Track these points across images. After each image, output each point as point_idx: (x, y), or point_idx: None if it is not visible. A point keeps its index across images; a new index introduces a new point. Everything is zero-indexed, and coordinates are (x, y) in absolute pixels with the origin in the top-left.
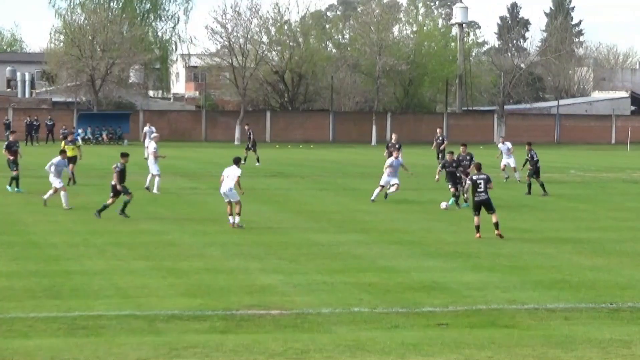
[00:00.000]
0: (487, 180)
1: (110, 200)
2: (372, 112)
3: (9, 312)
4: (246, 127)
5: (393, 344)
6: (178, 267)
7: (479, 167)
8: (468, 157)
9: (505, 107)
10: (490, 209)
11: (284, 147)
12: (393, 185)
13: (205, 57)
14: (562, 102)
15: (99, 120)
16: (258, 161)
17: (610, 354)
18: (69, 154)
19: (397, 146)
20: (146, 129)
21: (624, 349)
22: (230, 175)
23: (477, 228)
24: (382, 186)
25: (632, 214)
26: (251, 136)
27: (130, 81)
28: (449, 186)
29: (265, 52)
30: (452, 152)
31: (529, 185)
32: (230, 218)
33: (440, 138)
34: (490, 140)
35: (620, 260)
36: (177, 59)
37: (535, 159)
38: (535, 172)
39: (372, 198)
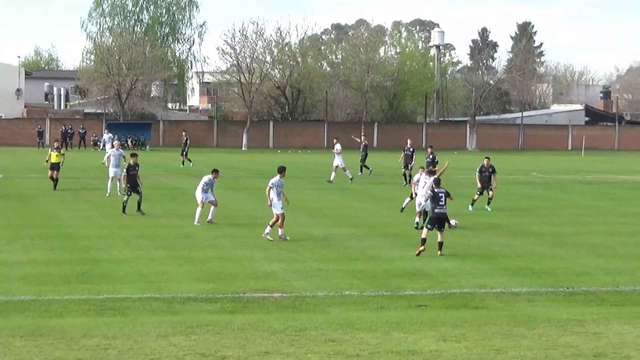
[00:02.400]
0: (447, 195)
1: (125, 197)
2: (361, 122)
3: (46, 294)
4: (183, 133)
5: (379, 323)
6: (193, 256)
7: (438, 183)
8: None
9: (476, 118)
10: (442, 226)
11: (284, 152)
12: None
13: (216, 74)
14: (525, 113)
15: (124, 129)
16: (189, 161)
17: (567, 332)
18: (54, 160)
19: (411, 150)
20: (105, 136)
21: (579, 327)
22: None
23: (423, 241)
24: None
25: (587, 211)
26: (187, 142)
27: (151, 95)
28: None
29: (269, 70)
30: (488, 157)
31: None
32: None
33: (411, 150)
34: (464, 147)
35: (577, 251)
36: (192, 76)
37: (435, 160)
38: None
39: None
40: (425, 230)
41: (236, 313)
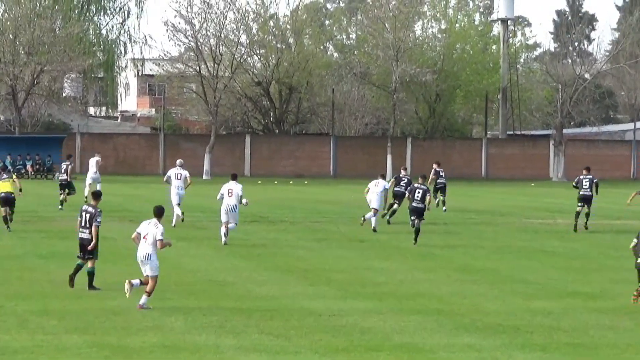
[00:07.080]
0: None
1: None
2: (387, 137)
3: None
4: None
5: None
6: (126, 344)
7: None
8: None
9: (565, 131)
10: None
11: (268, 183)
12: None
13: (164, 63)
14: None
15: (22, 147)
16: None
17: None
18: (2, 189)
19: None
20: None
21: None
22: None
23: None
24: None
25: None
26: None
27: (64, 95)
28: None
29: (245, 57)
30: None
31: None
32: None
33: (406, 180)
34: (545, 176)
35: None
36: (126, 65)
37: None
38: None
39: None
40: None
41: None
